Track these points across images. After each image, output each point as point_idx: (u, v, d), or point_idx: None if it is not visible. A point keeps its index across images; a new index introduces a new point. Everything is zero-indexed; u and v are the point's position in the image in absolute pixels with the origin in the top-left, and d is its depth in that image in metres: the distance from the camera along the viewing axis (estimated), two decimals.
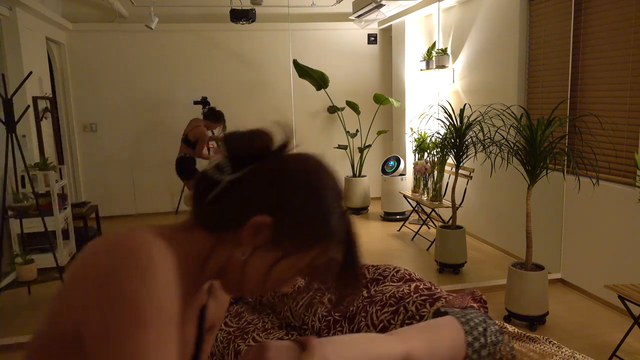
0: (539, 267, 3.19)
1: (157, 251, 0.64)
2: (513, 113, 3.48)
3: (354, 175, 6.11)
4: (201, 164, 5.85)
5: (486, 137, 3.70)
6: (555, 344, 1.13)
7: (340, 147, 6.16)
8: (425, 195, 5.01)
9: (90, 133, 6.07)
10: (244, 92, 6.34)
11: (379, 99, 5.85)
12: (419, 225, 5.20)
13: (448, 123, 3.89)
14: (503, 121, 3.84)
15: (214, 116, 5.07)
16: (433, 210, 5.03)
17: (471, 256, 4.39)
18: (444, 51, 5.23)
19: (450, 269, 4.03)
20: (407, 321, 1.35)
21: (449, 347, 0.96)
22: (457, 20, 5.10)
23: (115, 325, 0.58)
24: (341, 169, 6.48)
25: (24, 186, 4.15)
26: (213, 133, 5.22)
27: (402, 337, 0.91)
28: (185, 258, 0.70)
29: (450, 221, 4.09)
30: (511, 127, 3.69)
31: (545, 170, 3.21)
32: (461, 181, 4.65)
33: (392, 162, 5.75)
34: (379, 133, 6.26)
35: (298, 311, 1.66)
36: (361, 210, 6.10)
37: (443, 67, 5.23)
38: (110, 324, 0.58)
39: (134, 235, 0.65)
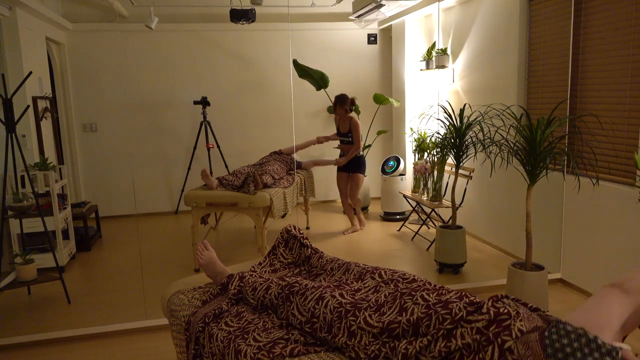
0: (539, 267, 3.19)
1: None
2: (513, 113, 3.48)
3: None
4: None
5: (486, 137, 3.71)
6: None
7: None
8: (425, 195, 5.01)
9: (90, 133, 6.08)
10: (244, 92, 6.34)
11: (379, 99, 5.85)
12: (419, 225, 5.20)
13: (448, 123, 3.89)
14: (503, 121, 3.84)
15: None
16: (433, 210, 5.03)
17: (471, 256, 4.39)
18: (444, 51, 5.24)
19: (450, 269, 4.03)
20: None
21: None
22: (457, 20, 5.10)
23: None
24: None
25: (23, 186, 4.15)
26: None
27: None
28: None
29: (450, 221, 4.09)
30: (511, 127, 3.70)
31: (545, 170, 3.21)
32: (461, 181, 4.65)
33: (392, 162, 5.75)
34: (379, 133, 6.26)
35: (307, 305, 1.67)
36: (361, 210, 6.10)
37: (443, 67, 5.23)
38: None
39: None
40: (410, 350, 1.38)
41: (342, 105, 5.08)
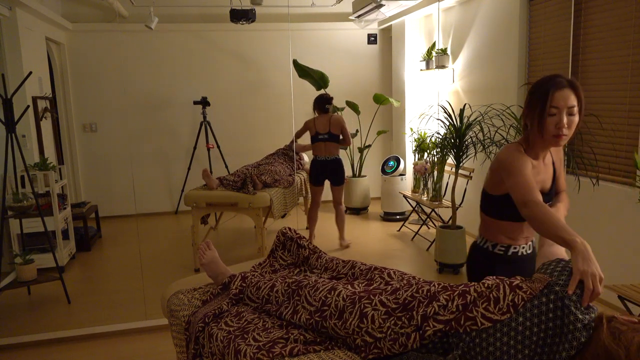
0: None
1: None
2: (513, 113, 3.48)
3: (354, 176, 6.12)
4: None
5: (486, 137, 3.71)
6: None
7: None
8: (425, 195, 5.01)
9: (90, 133, 6.08)
10: (244, 92, 6.34)
11: (379, 99, 5.85)
12: (419, 226, 5.20)
13: (448, 123, 3.89)
14: (503, 121, 3.84)
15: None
16: (433, 210, 5.03)
17: None
18: (444, 51, 5.24)
19: (450, 269, 4.03)
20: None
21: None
22: (457, 20, 5.10)
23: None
24: None
25: (23, 186, 4.15)
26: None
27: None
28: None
29: (450, 221, 4.09)
30: (511, 127, 3.70)
31: None
32: (461, 181, 4.65)
33: (392, 162, 5.76)
34: (379, 133, 6.26)
35: (318, 295, 1.68)
36: (361, 211, 6.11)
37: (443, 67, 5.24)
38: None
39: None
40: (429, 311, 1.44)
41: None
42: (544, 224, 1.50)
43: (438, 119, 4.21)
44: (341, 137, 4.64)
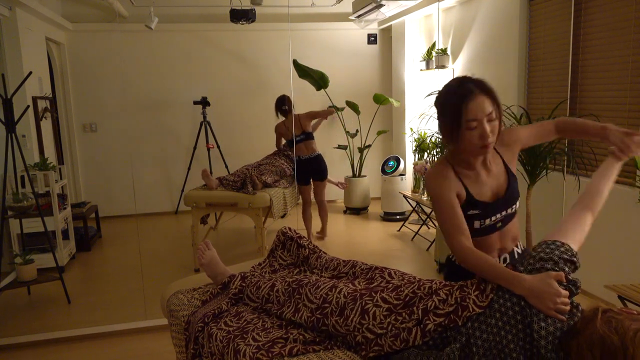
0: None
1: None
2: (513, 113, 3.48)
3: (354, 176, 6.11)
4: None
5: None
6: None
7: (340, 147, 6.16)
8: (425, 195, 5.01)
9: (90, 133, 6.08)
10: (244, 92, 6.34)
11: (379, 99, 5.85)
12: (419, 226, 5.20)
13: None
14: (503, 121, 3.84)
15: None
16: (433, 210, 5.03)
17: None
18: (444, 51, 5.24)
19: None
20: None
21: None
22: (457, 20, 5.10)
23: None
24: (341, 169, 6.48)
25: (23, 186, 4.15)
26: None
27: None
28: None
29: None
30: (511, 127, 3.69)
31: (545, 171, 3.22)
32: None
33: (392, 162, 5.75)
34: (379, 133, 6.26)
35: (319, 292, 1.68)
36: (361, 211, 6.10)
37: (443, 67, 5.23)
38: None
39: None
40: (429, 305, 1.47)
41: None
42: (479, 271, 1.43)
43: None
44: (314, 121, 4.89)
